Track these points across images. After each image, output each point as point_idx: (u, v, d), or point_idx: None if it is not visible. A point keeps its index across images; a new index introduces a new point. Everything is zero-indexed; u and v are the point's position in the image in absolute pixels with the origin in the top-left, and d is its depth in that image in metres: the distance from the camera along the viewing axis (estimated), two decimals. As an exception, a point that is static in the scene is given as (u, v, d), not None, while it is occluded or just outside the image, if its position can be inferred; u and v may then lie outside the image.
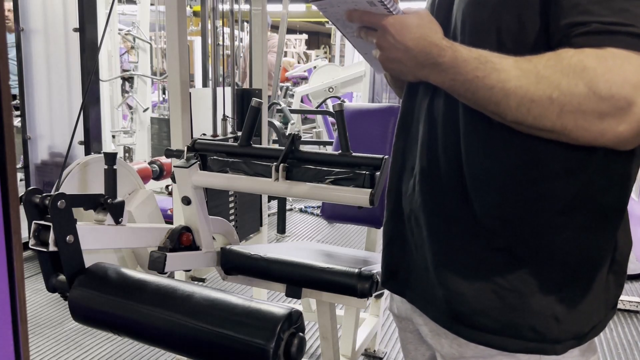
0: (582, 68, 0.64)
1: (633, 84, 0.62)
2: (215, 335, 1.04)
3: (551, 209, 0.74)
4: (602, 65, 0.63)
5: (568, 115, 0.65)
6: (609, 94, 0.62)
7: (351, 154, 1.34)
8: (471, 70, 0.70)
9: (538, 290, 0.76)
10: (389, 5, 0.75)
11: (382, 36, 0.77)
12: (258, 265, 1.52)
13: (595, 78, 0.63)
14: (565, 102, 0.65)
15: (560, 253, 0.76)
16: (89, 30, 2.96)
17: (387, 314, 2.77)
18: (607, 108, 0.63)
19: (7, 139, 0.45)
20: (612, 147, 0.66)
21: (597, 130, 0.65)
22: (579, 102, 0.64)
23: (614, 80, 0.62)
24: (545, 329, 0.76)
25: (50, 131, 3.14)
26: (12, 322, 0.48)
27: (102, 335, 2.45)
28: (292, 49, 12.27)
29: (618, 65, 0.62)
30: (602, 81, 0.63)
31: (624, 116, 0.63)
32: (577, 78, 0.64)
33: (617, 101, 0.62)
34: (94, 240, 1.23)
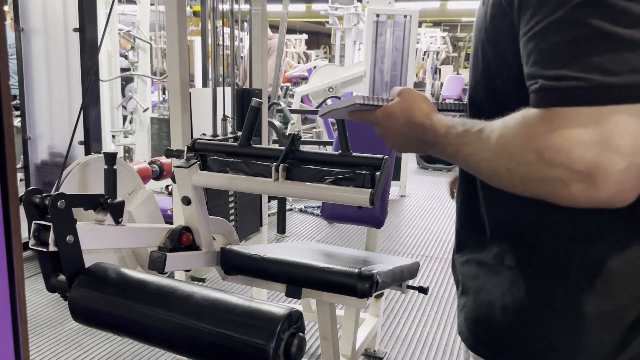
0: (530, 135, 0.60)
1: (586, 145, 0.56)
2: (215, 335, 1.04)
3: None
4: (548, 129, 0.58)
5: (531, 184, 0.62)
6: (558, 161, 0.58)
7: (351, 154, 1.34)
8: (449, 145, 0.72)
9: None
10: (373, 103, 0.85)
11: (378, 128, 0.86)
12: (258, 265, 1.52)
13: (542, 146, 0.59)
14: (522, 173, 0.62)
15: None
16: (89, 30, 2.96)
17: (387, 314, 2.77)
18: (565, 175, 0.58)
19: (7, 139, 0.45)
20: (604, 207, 0.59)
21: (567, 195, 0.59)
22: (534, 171, 0.60)
23: (561, 145, 0.57)
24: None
25: (50, 131, 3.14)
26: (12, 322, 0.48)
27: (102, 335, 2.45)
28: (292, 49, 12.27)
29: (564, 127, 0.57)
30: (548, 148, 0.58)
31: (593, 180, 0.57)
32: (526, 147, 0.60)
33: (573, 166, 0.57)
34: (94, 240, 1.23)
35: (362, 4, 6.14)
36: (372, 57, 5.35)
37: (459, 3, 13.13)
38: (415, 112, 0.79)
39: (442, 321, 2.72)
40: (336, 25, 8.54)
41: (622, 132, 0.55)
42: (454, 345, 2.50)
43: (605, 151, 0.55)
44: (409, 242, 3.97)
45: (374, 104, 0.86)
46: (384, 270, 1.49)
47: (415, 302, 2.94)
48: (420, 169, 6.85)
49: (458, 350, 2.45)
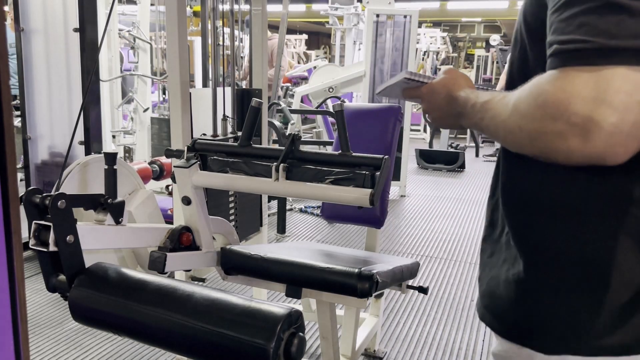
0: (539, 93, 0.65)
1: (583, 99, 0.61)
2: (215, 335, 1.04)
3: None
4: (554, 86, 0.63)
5: (536, 139, 0.67)
6: (558, 113, 0.63)
7: (351, 154, 1.34)
8: (477, 113, 0.80)
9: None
10: (419, 80, 0.96)
11: (424, 104, 0.96)
12: (258, 265, 1.52)
13: (547, 100, 0.64)
14: (529, 129, 0.67)
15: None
16: (89, 30, 2.96)
17: (387, 314, 2.77)
18: (563, 127, 0.63)
19: (7, 139, 0.45)
20: (599, 164, 0.64)
21: (565, 149, 0.64)
22: (539, 126, 0.65)
23: (562, 99, 0.62)
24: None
25: (51, 131, 3.14)
26: (12, 322, 0.48)
27: (102, 335, 2.45)
28: (292, 49, 12.27)
29: (568, 83, 0.62)
30: (551, 102, 0.63)
31: (587, 133, 0.61)
32: (534, 104, 0.65)
33: (570, 118, 0.61)
34: (94, 240, 1.23)
35: (362, 4, 6.14)
36: (372, 57, 5.35)
37: (459, 3, 13.12)
38: (454, 88, 0.88)
39: (442, 321, 2.72)
40: (336, 25, 8.54)
41: (617, 89, 0.60)
42: (453, 345, 2.50)
43: (599, 106, 0.60)
44: (409, 242, 3.97)
45: (420, 81, 0.96)
46: (384, 270, 1.49)
47: (415, 302, 2.94)
48: (420, 169, 6.85)
49: (458, 350, 2.45)
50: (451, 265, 3.52)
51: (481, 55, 13.37)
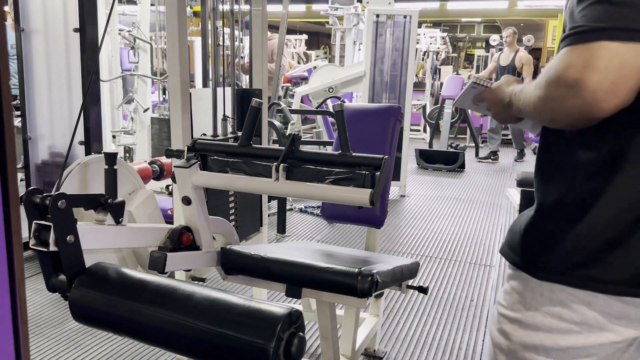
0: (548, 69, 0.86)
1: (575, 66, 0.81)
2: (215, 335, 1.04)
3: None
4: (555, 61, 0.85)
5: (546, 105, 0.88)
6: (559, 80, 0.83)
7: (351, 154, 1.34)
8: (518, 100, 1.02)
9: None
10: (483, 84, 1.22)
11: (487, 103, 1.19)
12: (258, 265, 1.52)
13: (549, 71, 0.86)
14: (543, 96, 0.88)
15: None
16: (89, 30, 2.96)
17: (387, 314, 2.78)
18: (563, 90, 0.83)
19: (7, 139, 0.45)
20: (590, 118, 0.83)
21: (565, 110, 0.84)
22: (547, 93, 0.87)
23: (558, 67, 0.83)
24: None
25: (51, 131, 3.14)
26: (12, 322, 0.48)
27: (102, 335, 2.45)
28: (292, 49, 12.28)
29: (564, 57, 0.83)
30: (554, 72, 0.84)
31: (578, 91, 0.80)
32: (545, 77, 0.87)
33: (565, 81, 0.82)
34: (94, 240, 1.23)
35: (362, 4, 6.14)
36: (372, 58, 5.35)
37: (459, 3, 13.12)
38: (506, 87, 1.10)
39: (442, 321, 2.72)
40: (336, 25, 8.54)
41: (599, 57, 0.79)
42: (453, 345, 2.50)
43: (586, 70, 0.80)
44: (409, 242, 3.98)
45: (484, 85, 1.22)
46: (384, 270, 1.49)
47: (415, 302, 2.94)
48: (420, 169, 6.85)
49: (458, 350, 2.45)
50: (451, 265, 3.52)
51: (481, 55, 13.37)
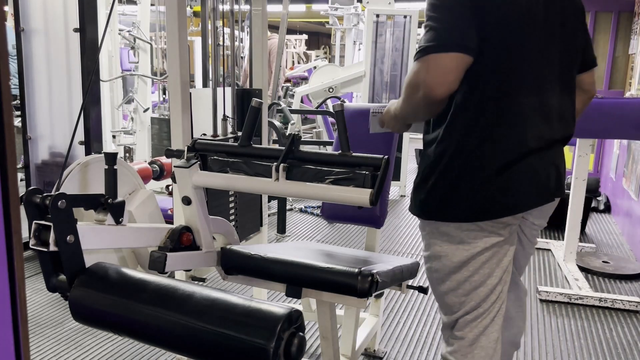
0: (405, 79, 1.32)
1: (418, 72, 1.25)
2: (215, 335, 1.04)
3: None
4: (409, 73, 1.30)
5: (408, 103, 1.34)
6: (409, 83, 1.28)
7: (351, 154, 1.34)
8: (397, 112, 1.45)
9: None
10: (379, 111, 1.56)
11: (386, 124, 1.55)
12: (258, 265, 1.52)
13: (406, 80, 1.30)
14: (404, 99, 1.35)
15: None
16: (89, 30, 2.96)
17: (387, 314, 2.78)
18: (412, 89, 1.28)
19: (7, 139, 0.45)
20: (432, 100, 1.25)
21: (417, 102, 1.29)
22: (405, 95, 1.33)
23: (410, 76, 1.28)
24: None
25: (51, 131, 3.14)
26: (12, 322, 0.48)
27: (102, 335, 2.45)
28: (292, 49, 12.27)
29: (413, 68, 1.27)
30: (407, 79, 1.29)
31: (420, 88, 1.24)
32: (406, 84, 1.32)
33: (413, 83, 1.27)
34: (95, 240, 1.23)
35: (362, 4, 6.14)
36: (372, 58, 5.35)
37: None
38: (391, 107, 1.50)
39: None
40: (336, 25, 8.54)
41: (429, 64, 1.23)
42: (454, 345, 2.50)
43: (423, 73, 1.24)
44: (409, 242, 3.98)
45: (379, 111, 1.56)
46: (384, 270, 1.49)
47: (415, 302, 2.94)
48: (421, 169, 6.84)
49: (458, 350, 2.45)
50: (451, 265, 3.52)
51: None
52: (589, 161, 3.54)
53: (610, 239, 4.18)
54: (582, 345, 2.53)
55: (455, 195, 1.32)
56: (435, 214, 1.37)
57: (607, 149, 5.28)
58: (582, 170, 3.29)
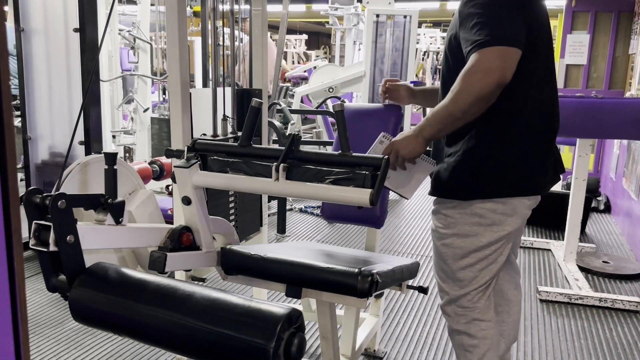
0: (466, 69, 1.40)
1: (485, 61, 1.36)
2: (215, 335, 1.04)
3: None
4: (470, 62, 1.39)
5: (472, 88, 1.37)
6: (477, 69, 1.37)
7: (351, 154, 1.34)
8: (430, 121, 1.48)
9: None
10: (389, 138, 1.56)
11: (392, 154, 1.51)
12: (258, 265, 1.52)
13: (469, 67, 1.39)
14: (465, 84, 1.39)
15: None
16: (89, 30, 2.96)
17: (387, 314, 2.78)
18: (481, 74, 1.36)
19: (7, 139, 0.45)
20: (502, 86, 1.36)
21: (484, 86, 1.35)
22: (470, 80, 1.38)
23: (475, 64, 1.37)
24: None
25: (51, 131, 3.14)
26: (12, 322, 0.48)
27: (102, 335, 2.45)
28: (292, 49, 12.27)
29: (477, 57, 1.36)
30: (472, 66, 1.38)
31: (493, 72, 1.34)
32: (463, 74, 1.40)
33: (483, 68, 1.35)
34: (94, 240, 1.23)
35: (362, 4, 6.14)
36: (372, 58, 5.35)
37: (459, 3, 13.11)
38: (412, 128, 1.51)
39: (442, 321, 2.72)
40: (336, 25, 8.54)
41: (500, 54, 1.34)
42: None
43: (495, 61, 1.34)
44: (409, 242, 3.98)
45: (390, 138, 1.55)
46: (384, 270, 1.49)
47: (415, 302, 2.94)
48: (421, 169, 6.84)
49: (458, 350, 2.45)
50: (451, 265, 3.52)
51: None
52: (589, 161, 3.53)
53: (610, 239, 4.18)
54: (582, 345, 2.53)
55: (502, 174, 1.50)
56: (478, 193, 1.51)
57: (607, 149, 5.28)
58: (582, 170, 3.29)
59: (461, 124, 1.43)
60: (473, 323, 1.61)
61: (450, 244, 1.58)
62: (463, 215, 1.54)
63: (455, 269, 1.59)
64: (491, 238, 1.54)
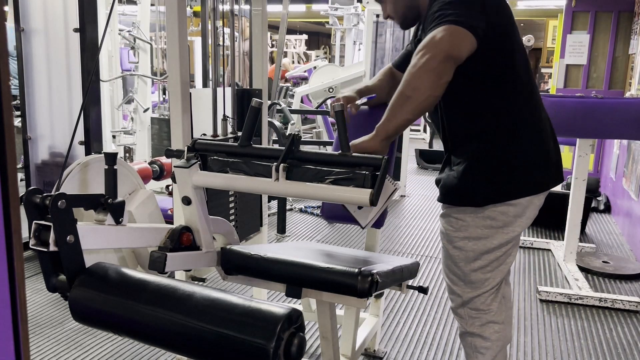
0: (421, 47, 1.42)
1: (442, 40, 1.38)
2: (215, 335, 1.04)
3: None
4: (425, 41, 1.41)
5: (428, 72, 1.38)
6: (433, 48, 1.38)
7: (351, 154, 1.34)
8: (389, 117, 1.44)
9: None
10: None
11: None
12: (258, 265, 1.52)
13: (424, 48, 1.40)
14: (424, 68, 1.39)
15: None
16: (89, 30, 2.96)
17: (387, 314, 2.78)
18: (434, 51, 1.37)
19: (7, 139, 0.45)
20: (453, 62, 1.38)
21: (438, 64, 1.36)
22: (425, 60, 1.38)
23: (425, 43, 1.39)
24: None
25: (51, 131, 3.14)
26: (12, 322, 0.48)
27: (102, 335, 2.45)
28: (292, 49, 12.27)
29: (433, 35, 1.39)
30: (427, 46, 1.39)
31: (442, 50, 1.35)
32: (418, 57, 1.40)
33: (436, 50, 1.37)
34: (94, 240, 1.23)
35: (362, 4, 6.15)
36: (372, 58, 5.35)
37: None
38: (364, 138, 1.45)
39: (442, 321, 2.72)
40: (336, 25, 8.55)
41: (449, 32, 1.35)
42: (453, 345, 2.50)
43: (445, 37, 1.35)
44: (409, 242, 3.98)
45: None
46: (384, 270, 1.49)
47: (415, 302, 2.94)
48: (420, 169, 6.85)
49: (458, 350, 2.45)
50: (451, 265, 3.52)
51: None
52: (589, 161, 3.53)
53: (610, 239, 4.18)
54: (582, 345, 2.53)
55: (514, 176, 1.53)
56: (493, 198, 1.53)
57: (607, 149, 5.28)
58: (582, 170, 3.29)
59: (415, 106, 1.36)
60: (488, 325, 1.63)
61: (462, 247, 1.60)
62: (475, 219, 1.56)
63: (467, 271, 1.61)
64: (502, 240, 1.56)
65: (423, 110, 1.40)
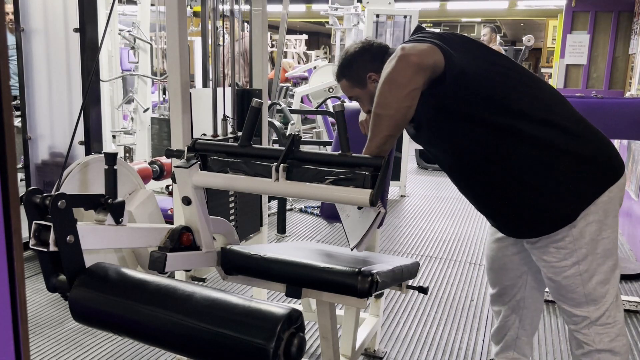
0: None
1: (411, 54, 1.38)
2: (215, 335, 1.04)
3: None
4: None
5: (398, 87, 1.38)
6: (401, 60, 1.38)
7: (351, 154, 1.34)
8: (372, 129, 1.40)
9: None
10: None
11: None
12: (258, 265, 1.52)
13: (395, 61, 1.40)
14: (392, 73, 1.39)
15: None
16: (89, 30, 2.96)
17: (387, 314, 2.78)
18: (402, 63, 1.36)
19: (7, 139, 0.45)
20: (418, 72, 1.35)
21: (406, 78, 1.36)
22: (393, 70, 1.37)
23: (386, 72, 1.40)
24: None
25: (51, 131, 3.14)
26: (12, 322, 0.48)
27: (102, 335, 2.45)
28: (292, 49, 12.27)
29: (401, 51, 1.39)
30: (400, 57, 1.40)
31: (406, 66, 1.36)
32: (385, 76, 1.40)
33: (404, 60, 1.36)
34: (94, 240, 1.23)
35: (362, 4, 6.14)
36: (372, 57, 5.34)
37: (459, 3, 13.11)
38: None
39: (442, 321, 2.72)
40: (336, 25, 8.54)
41: (398, 50, 1.35)
42: (453, 345, 2.50)
43: (404, 54, 1.35)
44: (409, 242, 3.98)
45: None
46: (384, 270, 1.49)
47: (415, 302, 2.94)
48: (420, 169, 6.85)
49: (458, 350, 2.45)
50: (451, 265, 3.52)
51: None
52: (589, 161, 3.52)
53: (610, 239, 4.18)
54: (582, 346, 2.53)
55: (590, 173, 1.53)
56: (583, 202, 1.50)
57: (607, 149, 5.28)
58: (582, 170, 3.28)
59: (389, 122, 1.34)
60: (617, 339, 1.61)
61: (574, 274, 1.55)
62: (575, 242, 1.51)
63: (588, 292, 1.56)
64: (603, 245, 1.53)
65: (399, 123, 1.36)
